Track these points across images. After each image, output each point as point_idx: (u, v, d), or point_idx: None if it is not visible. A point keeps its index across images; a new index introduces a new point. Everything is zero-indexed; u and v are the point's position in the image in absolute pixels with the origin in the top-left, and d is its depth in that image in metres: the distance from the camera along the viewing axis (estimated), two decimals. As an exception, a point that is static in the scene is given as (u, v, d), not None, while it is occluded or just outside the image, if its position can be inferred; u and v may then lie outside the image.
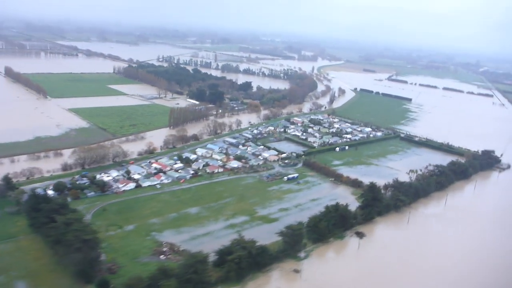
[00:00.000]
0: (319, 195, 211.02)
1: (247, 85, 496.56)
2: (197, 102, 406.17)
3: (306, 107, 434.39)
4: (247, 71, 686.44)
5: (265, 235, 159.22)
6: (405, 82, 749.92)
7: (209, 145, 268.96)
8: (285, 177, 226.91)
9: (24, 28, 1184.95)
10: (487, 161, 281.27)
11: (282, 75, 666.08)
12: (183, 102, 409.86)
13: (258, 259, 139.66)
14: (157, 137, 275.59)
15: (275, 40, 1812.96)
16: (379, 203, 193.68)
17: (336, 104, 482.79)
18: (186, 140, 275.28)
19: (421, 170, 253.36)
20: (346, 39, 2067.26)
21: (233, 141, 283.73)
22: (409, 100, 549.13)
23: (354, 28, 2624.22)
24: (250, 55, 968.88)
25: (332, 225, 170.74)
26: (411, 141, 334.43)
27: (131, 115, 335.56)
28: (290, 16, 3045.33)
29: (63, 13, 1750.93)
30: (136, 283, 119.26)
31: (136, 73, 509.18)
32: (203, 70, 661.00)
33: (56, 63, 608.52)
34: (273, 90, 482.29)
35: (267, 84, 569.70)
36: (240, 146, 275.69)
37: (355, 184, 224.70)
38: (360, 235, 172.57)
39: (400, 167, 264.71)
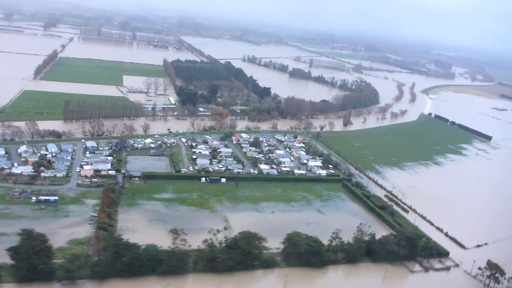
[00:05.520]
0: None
1: (265, 91, 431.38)
2: (172, 101, 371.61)
3: (292, 124, 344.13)
4: (318, 79, 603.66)
5: None
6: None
7: (50, 145, 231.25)
8: (34, 198, 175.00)
9: (175, 24, 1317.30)
10: (392, 249, 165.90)
11: (353, 87, 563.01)
12: (164, 99, 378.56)
13: None
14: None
15: (443, 54, 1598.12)
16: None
17: (361, 126, 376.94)
18: (42, 135, 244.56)
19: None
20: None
21: (91, 145, 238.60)
22: (488, 138, 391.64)
23: None
24: (361, 63, 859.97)
25: None
26: (352, 192, 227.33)
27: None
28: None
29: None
30: None
31: (168, 67, 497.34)
32: (273, 73, 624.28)
33: (127, 52, 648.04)
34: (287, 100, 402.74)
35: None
36: (87, 153, 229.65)
37: (101, 226, 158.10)
38: None
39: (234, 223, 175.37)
